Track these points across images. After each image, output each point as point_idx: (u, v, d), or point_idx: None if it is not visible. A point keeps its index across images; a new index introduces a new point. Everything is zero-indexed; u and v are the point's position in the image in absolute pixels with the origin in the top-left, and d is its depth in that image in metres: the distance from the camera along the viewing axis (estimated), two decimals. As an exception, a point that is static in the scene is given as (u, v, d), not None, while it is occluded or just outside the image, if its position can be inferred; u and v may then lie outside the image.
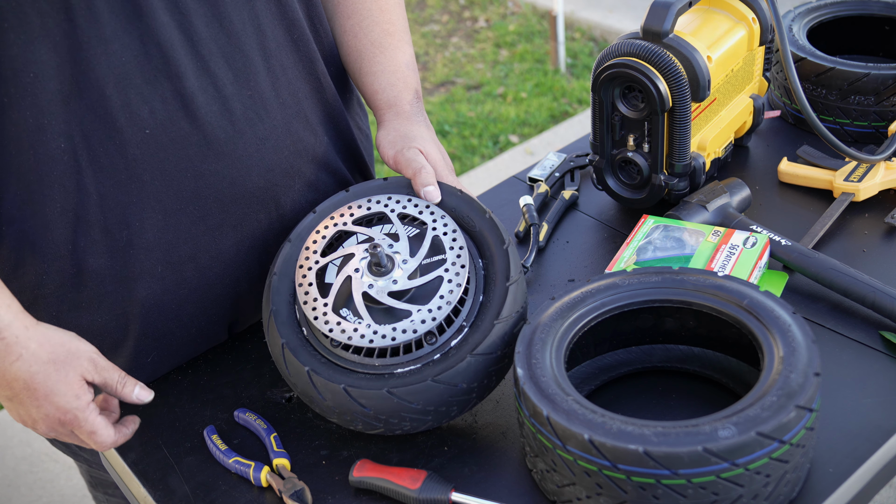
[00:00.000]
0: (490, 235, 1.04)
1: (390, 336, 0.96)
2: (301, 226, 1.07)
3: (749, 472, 0.80)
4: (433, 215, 1.04)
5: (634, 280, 1.00)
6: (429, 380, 0.94)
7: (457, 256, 1.00)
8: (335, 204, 1.08)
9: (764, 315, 0.92)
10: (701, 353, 1.03)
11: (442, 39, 4.59)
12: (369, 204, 1.06)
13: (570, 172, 1.44)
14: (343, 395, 0.95)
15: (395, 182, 1.09)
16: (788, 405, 0.81)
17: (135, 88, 0.96)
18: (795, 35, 1.45)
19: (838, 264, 1.11)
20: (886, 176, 1.27)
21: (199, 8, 0.98)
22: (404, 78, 1.17)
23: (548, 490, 0.92)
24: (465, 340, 0.98)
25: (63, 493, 2.36)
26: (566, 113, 3.85)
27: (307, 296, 1.00)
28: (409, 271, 1.00)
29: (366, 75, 1.18)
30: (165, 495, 1.01)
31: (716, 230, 1.16)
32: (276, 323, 1.00)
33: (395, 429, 0.97)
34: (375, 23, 1.18)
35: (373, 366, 0.97)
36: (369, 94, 1.19)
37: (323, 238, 1.04)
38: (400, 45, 1.19)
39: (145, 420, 1.11)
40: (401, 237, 1.03)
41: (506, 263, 1.01)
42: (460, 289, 0.98)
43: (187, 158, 1.01)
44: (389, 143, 1.12)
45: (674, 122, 1.21)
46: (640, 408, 1.01)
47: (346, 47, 1.19)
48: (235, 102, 1.03)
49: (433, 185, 1.06)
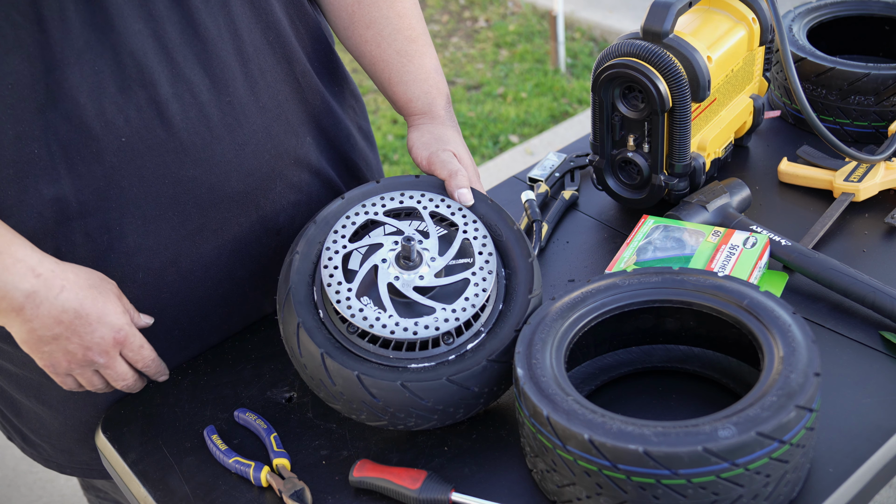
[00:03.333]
0: (516, 247, 1.05)
1: (412, 329, 0.96)
2: (327, 210, 1.06)
3: (749, 472, 0.80)
4: (465, 218, 1.05)
5: (635, 280, 1.00)
6: (444, 378, 0.95)
7: (485, 262, 1.02)
8: (364, 193, 1.08)
9: (764, 315, 0.92)
10: (701, 353, 1.03)
11: (442, 39, 4.59)
12: (402, 198, 1.07)
13: (570, 172, 1.44)
14: (355, 382, 0.94)
15: (426, 180, 1.10)
16: (788, 405, 0.81)
17: (109, 97, 0.96)
18: (795, 35, 1.45)
19: (838, 264, 1.11)
20: (886, 176, 1.27)
21: (171, 15, 0.98)
22: (436, 84, 1.19)
23: (548, 490, 0.92)
24: (483, 345, 0.98)
25: (63, 493, 2.36)
26: (566, 113, 3.85)
27: (332, 278, 0.99)
28: (435, 269, 1.01)
29: (396, 85, 1.19)
30: (165, 495, 1.01)
31: (716, 230, 1.16)
32: (294, 302, 0.99)
33: (398, 423, 0.97)
34: (397, 31, 1.17)
35: (387, 357, 0.97)
36: (402, 102, 1.19)
37: (353, 224, 1.04)
38: (425, 50, 1.19)
39: (145, 420, 1.11)
40: (431, 235, 1.04)
41: (529, 276, 1.03)
42: (486, 294, 0.99)
43: (164, 165, 1.01)
44: (423, 144, 1.13)
45: (674, 123, 1.21)
46: (640, 408, 1.01)
47: (369, 57, 1.19)
48: (212, 109, 1.03)
49: (467, 189, 1.07)
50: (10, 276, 0.92)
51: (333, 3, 1.18)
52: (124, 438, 1.09)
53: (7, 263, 0.92)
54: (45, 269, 0.94)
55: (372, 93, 4.17)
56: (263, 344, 1.19)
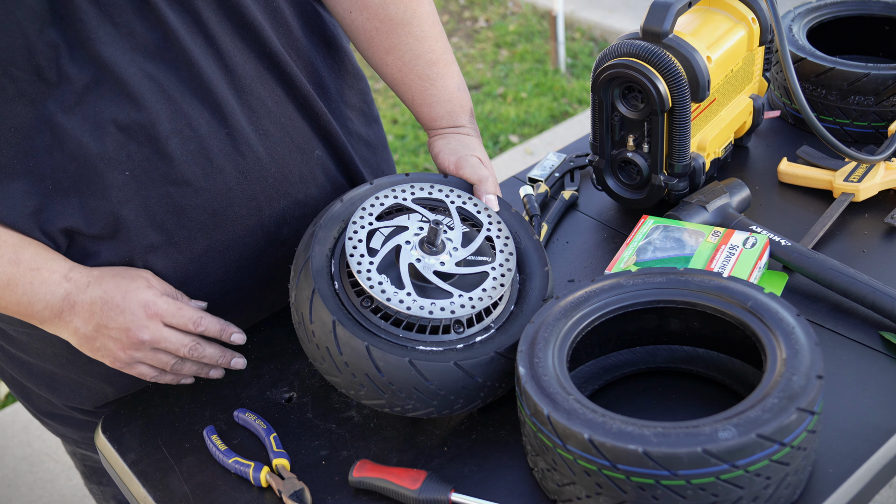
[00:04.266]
0: (534, 255, 1.09)
1: (427, 309, 0.97)
2: (355, 192, 1.08)
3: (749, 473, 0.80)
4: (490, 218, 1.09)
5: (639, 280, 1.00)
6: (451, 363, 0.95)
7: (505, 259, 1.04)
8: (392, 182, 1.10)
9: (768, 317, 0.92)
10: (705, 353, 1.03)
11: (442, 39, 4.58)
12: (431, 190, 1.10)
13: (570, 172, 1.44)
14: (363, 353, 0.95)
15: (454, 180, 1.13)
16: (790, 407, 0.81)
17: (111, 136, 0.99)
18: (795, 35, 1.45)
19: (838, 264, 1.11)
20: (886, 176, 1.27)
21: (165, 54, 1.01)
22: (459, 102, 1.21)
23: (548, 489, 0.92)
24: (492, 339, 1.00)
25: (63, 493, 2.36)
26: (566, 113, 3.85)
27: (355, 250, 1.00)
28: (456, 259, 1.03)
29: (420, 106, 1.21)
30: (165, 495, 1.01)
31: (715, 230, 1.16)
32: (311, 269, 0.99)
33: (396, 404, 0.97)
34: (417, 56, 1.18)
35: (396, 335, 0.97)
36: (427, 120, 1.22)
37: (381, 205, 1.06)
38: (447, 71, 1.20)
39: (145, 420, 1.11)
40: (455, 228, 1.06)
41: (544, 283, 1.07)
42: (503, 288, 1.01)
43: (167, 196, 1.04)
44: (451, 150, 1.17)
45: (673, 123, 1.21)
46: (641, 408, 1.01)
47: (390, 79, 1.21)
48: (213, 141, 1.05)
49: (494, 196, 1.11)
50: (47, 287, 1.00)
51: (352, 28, 1.19)
52: (124, 438, 1.09)
53: (44, 277, 1.00)
54: (76, 273, 1.02)
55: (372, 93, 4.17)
56: (263, 344, 1.19)
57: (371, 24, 1.17)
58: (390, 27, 1.16)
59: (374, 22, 1.16)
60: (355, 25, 1.18)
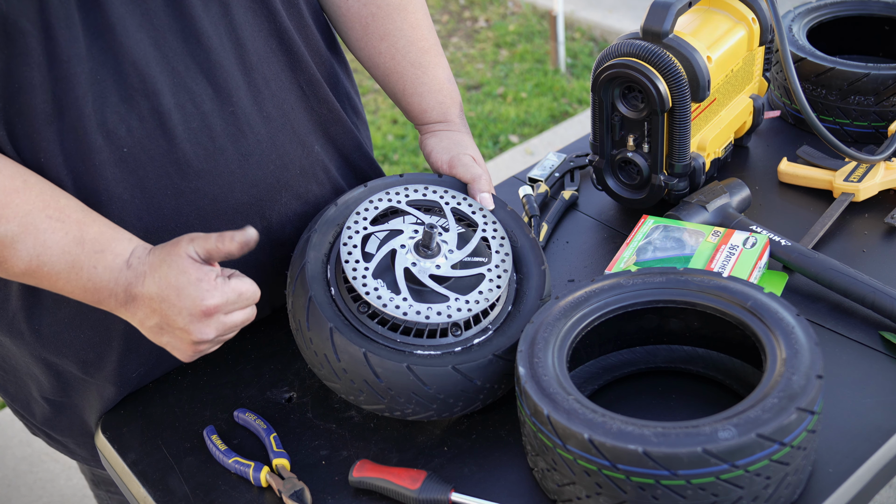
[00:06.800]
0: (530, 254, 1.08)
1: (424, 314, 0.97)
2: (349, 195, 1.08)
3: (749, 473, 0.80)
4: (485, 219, 1.08)
5: (639, 280, 1.00)
6: (449, 367, 0.95)
7: (501, 261, 1.04)
8: (387, 183, 1.10)
9: (768, 317, 0.92)
10: (705, 353, 1.03)
11: (442, 39, 4.58)
12: (425, 191, 1.09)
13: (569, 172, 1.44)
14: (360, 360, 0.95)
15: (448, 180, 1.13)
16: (790, 407, 0.81)
17: (111, 107, 0.96)
18: (795, 35, 1.45)
19: (838, 264, 1.11)
20: (886, 176, 1.27)
21: (172, 24, 0.98)
22: (450, 94, 1.22)
23: (548, 489, 0.92)
24: (490, 341, 1.00)
25: (63, 493, 2.36)
26: (566, 113, 3.85)
27: (350, 256, 1.00)
28: (452, 262, 1.03)
29: (411, 96, 1.21)
30: (165, 495, 1.01)
31: (715, 230, 1.16)
32: (307, 276, 0.99)
33: (395, 408, 0.97)
34: (410, 42, 1.19)
35: (394, 340, 0.97)
36: (417, 112, 1.22)
37: (375, 208, 1.05)
38: (438, 61, 1.21)
39: (145, 420, 1.11)
40: (451, 229, 1.06)
41: (541, 282, 1.06)
42: (500, 290, 1.01)
43: (167, 176, 1.01)
44: (444, 149, 1.16)
45: (673, 123, 1.21)
46: (641, 408, 1.01)
47: (383, 68, 1.21)
48: (215, 119, 1.02)
49: (489, 194, 1.10)
50: (111, 274, 0.94)
51: (347, 16, 1.19)
52: (124, 439, 1.09)
53: (108, 262, 0.93)
54: (135, 259, 0.94)
55: (372, 93, 4.17)
56: (263, 344, 1.19)
57: (367, 9, 1.17)
58: (387, 12, 1.17)
59: (370, 7, 1.17)
60: (351, 13, 1.18)
